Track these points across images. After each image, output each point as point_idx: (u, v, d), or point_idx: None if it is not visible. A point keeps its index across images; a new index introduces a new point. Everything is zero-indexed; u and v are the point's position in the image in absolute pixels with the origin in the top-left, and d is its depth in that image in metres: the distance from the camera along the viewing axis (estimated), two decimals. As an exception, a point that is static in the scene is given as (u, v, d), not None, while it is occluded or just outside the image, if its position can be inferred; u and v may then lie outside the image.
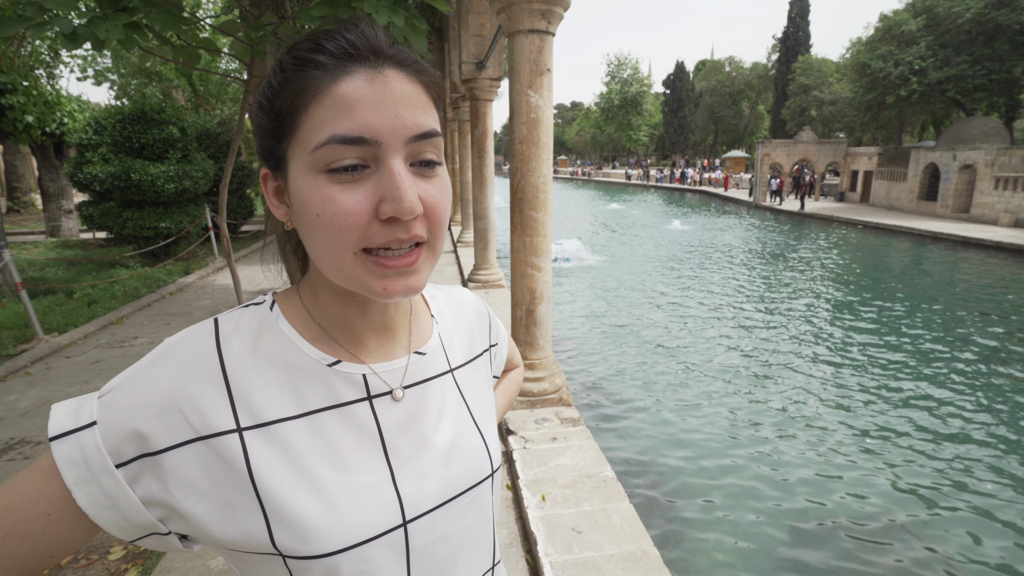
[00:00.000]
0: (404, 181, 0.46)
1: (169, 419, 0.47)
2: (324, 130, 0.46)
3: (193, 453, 0.47)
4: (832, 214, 21.16)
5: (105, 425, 0.46)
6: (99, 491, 0.46)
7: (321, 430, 0.52)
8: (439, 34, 12.79)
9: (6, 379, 4.86)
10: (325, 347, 0.55)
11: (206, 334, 0.52)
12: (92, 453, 0.46)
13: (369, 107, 0.46)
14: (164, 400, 0.47)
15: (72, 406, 0.49)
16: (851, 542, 3.67)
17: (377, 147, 0.46)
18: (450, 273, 9.14)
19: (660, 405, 5.67)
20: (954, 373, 6.42)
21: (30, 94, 7.27)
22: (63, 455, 0.46)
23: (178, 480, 0.47)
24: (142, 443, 0.46)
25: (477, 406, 0.66)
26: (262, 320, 0.55)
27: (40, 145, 12.01)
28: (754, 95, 53.29)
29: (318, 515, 0.49)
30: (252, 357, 0.52)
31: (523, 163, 3.48)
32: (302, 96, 0.47)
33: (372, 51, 0.47)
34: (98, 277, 8.27)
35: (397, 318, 0.61)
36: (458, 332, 0.69)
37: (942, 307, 9.24)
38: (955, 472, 4.47)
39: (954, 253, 14.29)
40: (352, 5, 1.92)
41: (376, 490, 0.53)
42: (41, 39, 2.79)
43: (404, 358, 0.60)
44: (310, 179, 0.47)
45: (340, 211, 0.46)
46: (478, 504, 0.61)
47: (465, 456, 0.60)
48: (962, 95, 24.53)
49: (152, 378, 0.48)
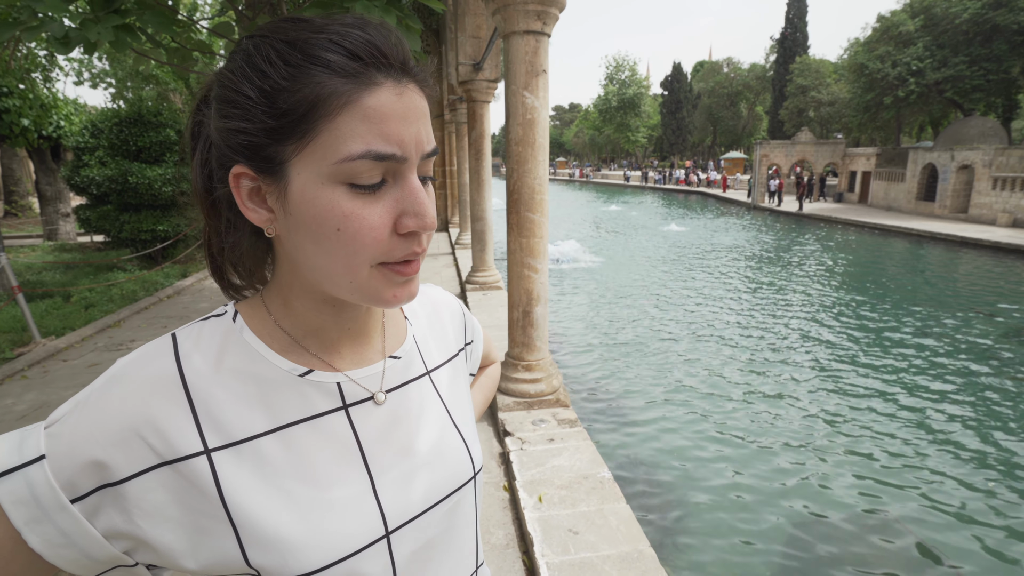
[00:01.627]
0: (424, 196, 0.47)
1: (129, 446, 0.44)
2: (355, 143, 0.43)
3: (158, 479, 0.45)
4: (830, 215, 21.19)
5: (56, 458, 0.43)
6: (53, 529, 0.43)
7: (295, 444, 0.50)
8: (436, 36, 12.81)
9: (3, 383, 4.85)
10: (295, 357, 0.53)
11: (164, 352, 0.48)
12: (42, 489, 0.42)
13: (399, 121, 0.45)
14: (122, 426, 0.44)
15: (15, 439, 0.45)
16: (852, 545, 3.67)
17: (403, 163, 0.46)
18: (448, 275, 9.13)
19: (658, 406, 5.67)
20: (955, 374, 6.42)
21: (26, 97, 7.26)
22: (8, 494, 0.42)
23: (143, 509, 0.44)
24: (101, 473, 0.43)
25: (456, 408, 0.64)
26: (225, 333, 0.51)
27: (37, 148, 12.00)
28: (752, 96, 53.39)
29: (296, 533, 0.47)
30: (216, 373, 0.49)
31: (519, 164, 3.48)
32: (325, 103, 0.43)
33: (401, 63, 0.46)
34: (95, 280, 8.26)
35: (371, 322, 0.59)
36: (433, 333, 0.68)
37: (942, 307, 9.25)
38: (957, 472, 4.46)
39: (953, 253, 14.31)
40: (345, 6, 1.92)
41: (356, 503, 0.51)
42: (36, 41, 2.78)
43: (380, 363, 0.58)
44: (327, 191, 0.44)
45: (365, 226, 0.45)
46: (461, 507, 0.61)
47: (446, 460, 0.59)
48: (960, 95, 24.58)
49: (107, 403, 0.45)
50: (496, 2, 3.25)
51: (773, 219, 23.00)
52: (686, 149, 59.81)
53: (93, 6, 1.97)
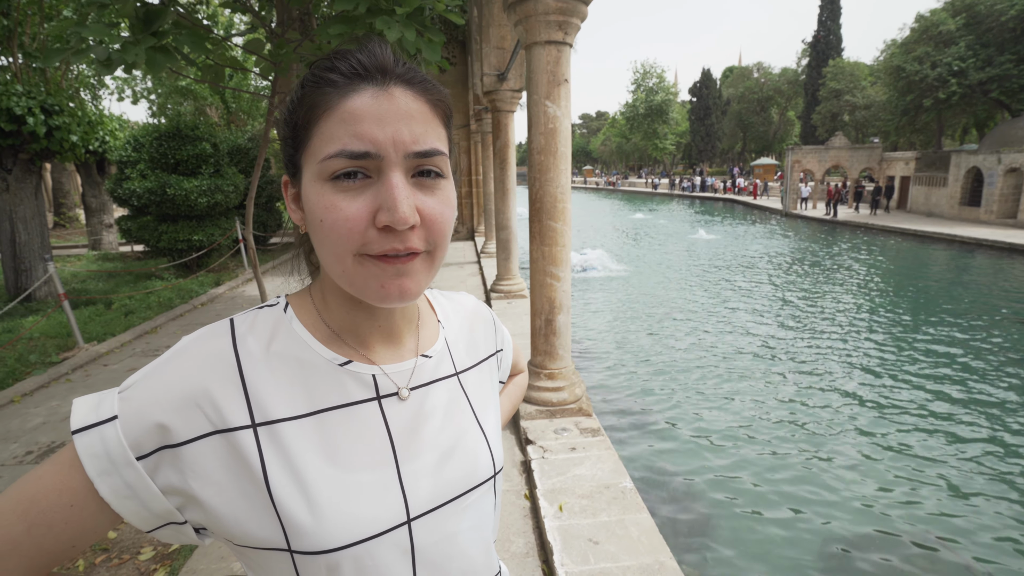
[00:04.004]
0: (400, 192, 0.49)
1: (188, 413, 0.49)
2: (333, 143, 0.49)
3: (211, 446, 0.50)
4: (868, 222, 20.54)
5: (126, 419, 0.48)
6: (120, 482, 0.48)
7: (329, 428, 0.54)
8: (463, 47, 12.98)
9: (49, 385, 5.08)
10: (336, 348, 0.58)
11: (223, 333, 0.54)
12: (113, 446, 0.48)
13: (373, 122, 0.49)
14: (183, 395, 0.49)
15: (93, 401, 0.51)
16: (888, 562, 3.52)
17: (380, 160, 0.49)
18: (473, 283, 9.19)
19: (683, 416, 5.57)
20: (1002, 387, 6.13)
21: (75, 114, 7.65)
22: (85, 448, 0.48)
23: (196, 472, 0.49)
24: (163, 436, 0.49)
25: (481, 409, 0.67)
26: (276, 320, 0.57)
27: (84, 163, 12.60)
28: (784, 101, 52.31)
29: (324, 511, 0.51)
30: (266, 356, 0.54)
31: (541, 173, 3.49)
32: (315, 110, 0.50)
33: (379, 69, 0.50)
34: (135, 288, 8.60)
35: (404, 323, 0.63)
36: (464, 337, 0.71)
37: (988, 317, 8.85)
38: (998, 487, 4.25)
39: (1000, 260, 13.68)
40: (367, 22, 1.97)
41: (381, 487, 0.54)
42: (85, 63, 2.95)
43: (412, 360, 0.62)
44: (318, 187, 0.50)
45: (340, 217, 0.49)
46: (480, 505, 0.63)
47: (468, 457, 0.62)
48: (1007, 95, 23.59)
49: (171, 374, 0.50)
50: (518, 13, 3.28)
51: (806, 226, 22.42)
52: (715, 156, 58.91)
53: (133, 30, 2.07)
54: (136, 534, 2.87)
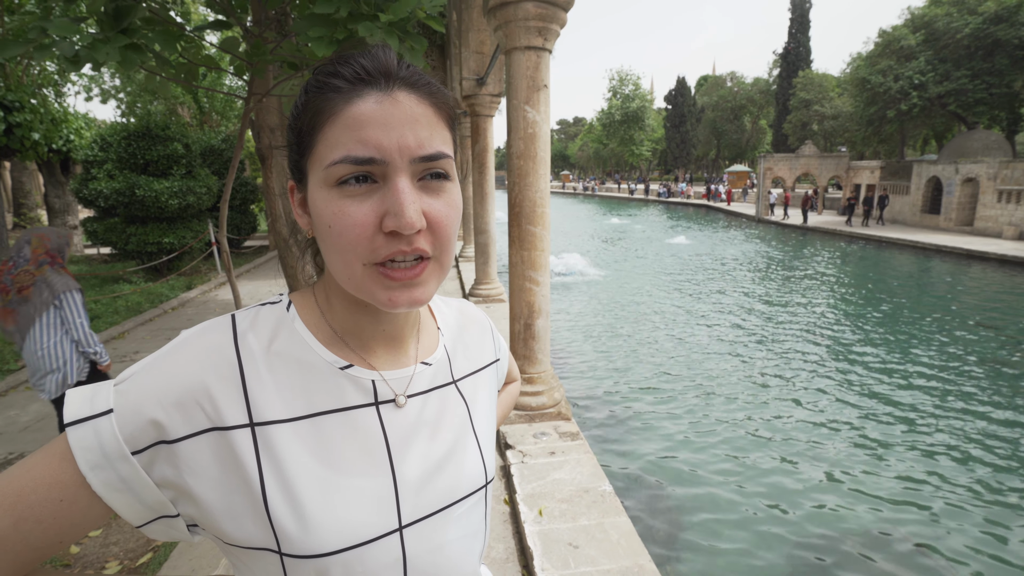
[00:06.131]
0: (407, 197, 0.48)
1: (186, 409, 0.49)
2: (338, 149, 0.48)
3: (207, 443, 0.49)
4: (835, 227, 21.15)
5: (122, 413, 0.48)
6: (114, 476, 0.47)
7: (326, 432, 0.53)
8: (441, 51, 12.96)
9: (7, 394, 4.88)
10: (337, 350, 0.57)
11: (224, 329, 0.53)
12: (108, 440, 0.47)
13: (378, 127, 0.48)
14: (182, 390, 0.49)
15: (87, 393, 0.50)
16: (859, 565, 3.61)
17: (385, 166, 0.48)
18: (451, 287, 9.16)
19: (661, 420, 5.63)
20: (962, 386, 6.36)
21: (37, 112, 7.38)
22: (78, 441, 0.47)
23: (191, 467, 0.49)
24: (159, 431, 0.48)
25: (478, 418, 0.67)
26: (278, 319, 0.56)
27: (46, 162, 12.16)
28: (756, 110, 53.62)
29: (317, 515, 0.50)
30: (266, 355, 0.53)
31: (521, 178, 3.50)
32: (319, 116, 0.50)
33: (383, 74, 0.50)
34: (101, 292, 8.32)
35: (406, 328, 0.62)
36: (463, 345, 0.71)
37: (948, 320, 9.18)
38: (965, 482, 4.40)
39: (958, 266, 14.23)
40: (348, 27, 1.95)
41: (374, 494, 0.54)
42: (48, 59, 2.85)
43: (411, 367, 0.61)
44: (324, 192, 0.50)
45: (349, 223, 0.48)
46: (472, 514, 0.63)
47: (462, 466, 0.61)
48: (963, 109, 24.62)
49: (170, 368, 0.50)
50: (498, 18, 3.30)
51: (777, 232, 22.96)
52: (690, 162, 59.98)
53: (103, 26, 2.01)
54: (101, 547, 2.77)
